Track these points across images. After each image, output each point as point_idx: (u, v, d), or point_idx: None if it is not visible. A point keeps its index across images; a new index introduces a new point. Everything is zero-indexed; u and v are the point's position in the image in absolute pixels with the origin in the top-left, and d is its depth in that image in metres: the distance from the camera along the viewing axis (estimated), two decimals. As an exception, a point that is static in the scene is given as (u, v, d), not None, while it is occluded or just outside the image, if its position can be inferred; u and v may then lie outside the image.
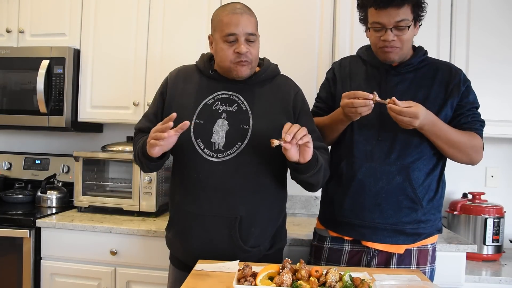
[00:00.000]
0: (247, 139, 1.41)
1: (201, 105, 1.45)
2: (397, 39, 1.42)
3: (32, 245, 2.01)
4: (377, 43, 1.47)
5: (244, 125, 1.42)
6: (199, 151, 1.42)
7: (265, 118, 1.44)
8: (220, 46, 1.41)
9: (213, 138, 1.42)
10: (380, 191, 1.46)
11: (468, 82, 1.51)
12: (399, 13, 1.39)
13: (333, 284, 1.13)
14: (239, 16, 1.38)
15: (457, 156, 1.47)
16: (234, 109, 1.44)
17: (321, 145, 1.49)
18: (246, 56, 1.40)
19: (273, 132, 1.41)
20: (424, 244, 1.52)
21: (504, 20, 2.10)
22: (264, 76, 1.50)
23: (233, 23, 1.38)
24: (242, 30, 1.38)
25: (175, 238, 1.50)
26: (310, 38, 2.18)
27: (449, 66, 1.54)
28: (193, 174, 1.43)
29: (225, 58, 1.41)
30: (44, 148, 2.70)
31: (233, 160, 1.40)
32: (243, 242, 1.41)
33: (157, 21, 2.29)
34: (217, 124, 1.43)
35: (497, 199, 2.28)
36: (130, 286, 1.98)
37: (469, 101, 1.49)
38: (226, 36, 1.38)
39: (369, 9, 1.45)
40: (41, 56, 2.30)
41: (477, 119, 1.50)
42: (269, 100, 1.47)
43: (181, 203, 1.47)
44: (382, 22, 1.41)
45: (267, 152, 1.41)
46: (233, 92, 1.46)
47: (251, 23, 1.41)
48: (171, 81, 1.53)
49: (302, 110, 1.50)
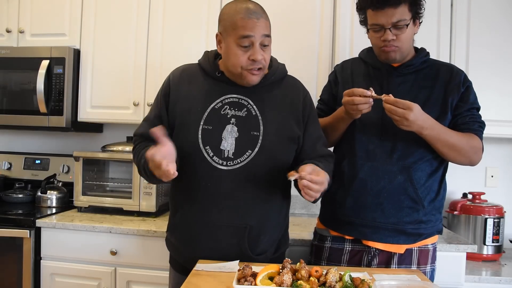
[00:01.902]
0: (258, 147, 1.35)
1: (208, 109, 1.38)
2: (396, 38, 1.43)
3: (32, 245, 2.01)
4: (377, 44, 1.48)
5: (255, 132, 1.36)
6: (207, 159, 1.35)
7: (275, 124, 1.38)
8: (234, 50, 1.32)
9: (222, 145, 1.36)
10: (381, 191, 1.46)
11: (469, 83, 1.51)
12: (396, 13, 1.39)
13: (333, 284, 1.13)
14: (256, 19, 1.30)
15: (456, 158, 1.47)
16: (243, 114, 1.38)
17: (328, 152, 1.47)
18: (260, 63, 1.33)
19: (283, 139, 1.39)
20: (425, 244, 1.52)
21: (504, 18, 2.10)
22: (273, 78, 1.44)
23: (249, 26, 1.29)
24: (259, 33, 1.30)
25: (179, 244, 1.46)
26: (310, 42, 2.18)
27: (451, 67, 1.55)
28: (202, 182, 1.36)
29: (237, 63, 1.33)
30: (44, 148, 2.70)
31: (243, 168, 1.35)
32: (251, 251, 1.38)
33: (157, 20, 2.29)
34: (226, 130, 1.36)
35: (497, 199, 2.28)
36: (130, 286, 1.98)
37: (469, 101, 1.49)
38: (241, 39, 1.30)
39: (368, 10, 1.46)
40: (41, 56, 2.30)
41: (476, 120, 1.49)
42: (279, 105, 1.42)
43: (187, 211, 1.41)
44: (380, 23, 1.42)
45: (277, 160, 1.38)
46: (242, 96, 1.39)
47: (267, 26, 1.34)
48: (174, 82, 1.44)
49: (311, 115, 1.46)
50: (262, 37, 1.31)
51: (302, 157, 1.43)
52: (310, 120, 1.46)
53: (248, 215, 1.37)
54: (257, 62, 1.32)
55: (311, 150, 1.43)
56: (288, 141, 1.40)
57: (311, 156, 1.42)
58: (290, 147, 1.41)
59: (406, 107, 1.34)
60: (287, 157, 1.41)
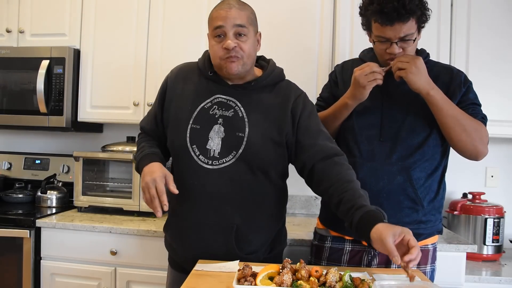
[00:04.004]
0: (242, 148, 1.36)
1: (198, 109, 1.40)
2: (402, 50, 1.41)
3: (32, 245, 2.01)
4: (383, 55, 1.46)
5: (240, 133, 1.37)
6: (194, 158, 1.37)
7: (261, 127, 1.38)
8: (211, 42, 1.37)
9: (209, 144, 1.37)
10: (381, 191, 1.46)
11: (469, 83, 1.51)
12: (404, 28, 1.37)
13: (333, 284, 1.13)
14: (227, 9, 1.33)
15: (461, 139, 1.40)
16: (230, 114, 1.38)
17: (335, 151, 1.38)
18: (236, 51, 1.33)
19: (267, 142, 1.37)
20: (425, 244, 1.51)
21: (504, 18, 2.10)
22: (266, 82, 1.43)
23: (221, 17, 1.33)
24: (230, 23, 1.32)
25: (173, 242, 1.49)
26: (310, 43, 2.18)
27: (450, 69, 1.54)
28: (189, 180, 1.39)
29: (214, 54, 1.36)
30: (44, 148, 2.70)
31: (228, 168, 1.36)
32: (239, 250, 1.39)
33: (157, 20, 2.29)
34: (213, 130, 1.38)
35: (497, 199, 2.28)
36: (130, 286, 1.98)
37: (469, 98, 1.48)
38: (214, 29, 1.34)
39: (373, 23, 1.43)
40: (41, 56, 2.30)
41: (478, 112, 1.47)
42: (267, 108, 1.40)
43: (177, 210, 1.44)
44: (387, 37, 1.40)
45: (262, 162, 1.38)
46: (230, 97, 1.40)
47: (240, 16, 1.34)
48: (171, 81, 1.48)
49: (304, 111, 1.41)
50: (234, 26, 1.33)
51: (304, 154, 1.38)
52: (305, 116, 1.40)
53: (233, 214, 1.38)
54: (232, 51, 1.32)
55: (311, 146, 1.38)
56: (272, 144, 1.38)
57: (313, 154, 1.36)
58: (276, 150, 1.39)
59: (410, 59, 1.36)
60: (271, 159, 1.39)
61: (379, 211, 1.22)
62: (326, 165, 1.35)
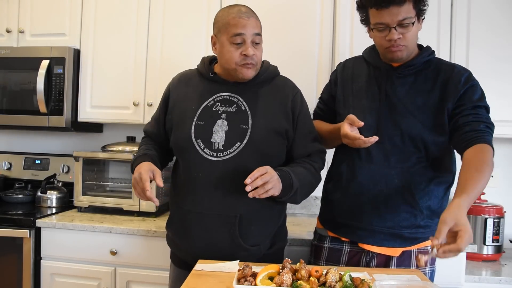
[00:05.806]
0: (246, 139, 1.43)
1: (201, 107, 1.47)
2: (402, 36, 1.38)
3: (32, 245, 2.01)
4: (382, 44, 1.43)
5: (243, 125, 1.44)
6: (199, 151, 1.43)
7: (264, 118, 1.46)
8: (227, 48, 1.42)
9: (213, 138, 1.44)
10: (378, 194, 1.45)
11: (471, 82, 1.43)
12: (401, 11, 1.35)
13: (333, 284, 1.13)
14: (246, 18, 1.41)
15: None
16: (233, 109, 1.46)
17: (318, 148, 1.54)
18: (252, 59, 1.42)
19: (271, 132, 1.45)
20: (425, 246, 1.49)
21: (504, 17, 2.10)
22: (263, 77, 1.51)
23: (241, 25, 1.40)
24: (250, 31, 1.41)
25: (175, 237, 1.52)
26: (310, 43, 2.18)
27: (452, 67, 1.48)
28: (194, 173, 1.44)
29: (231, 60, 1.42)
30: (44, 148, 2.70)
31: (233, 159, 1.42)
32: (242, 240, 1.42)
33: (157, 20, 2.29)
34: (217, 124, 1.45)
35: (497, 199, 2.28)
36: (130, 286, 1.98)
37: (472, 100, 1.40)
38: (233, 36, 1.40)
39: (370, 10, 1.42)
40: (41, 56, 2.30)
41: (481, 119, 1.38)
42: (268, 100, 1.49)
43: (181, 202, 1.49)
44: (385, 22, 1.38)
45: (265, 152, 1.44)
46: (232, 94, 1.48)
47: (257, 25, 1.44)
48: (173, 87, 1.56)
49: (301, 111, 1.52)
50: (253, 35, 1.42)
51: (293, 153, 1.51)
52: (300, 117, 1.51)
53: (237, 204, 1.42)
54: (249, 58, 1.41)
55: (301, 146, 1.51)
56: (275, 134, 1.46)
57: (301, 153, 1.50)
58: (278, 140, 1.47)
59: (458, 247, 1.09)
60: (275, 150, 1.47)
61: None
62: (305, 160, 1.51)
